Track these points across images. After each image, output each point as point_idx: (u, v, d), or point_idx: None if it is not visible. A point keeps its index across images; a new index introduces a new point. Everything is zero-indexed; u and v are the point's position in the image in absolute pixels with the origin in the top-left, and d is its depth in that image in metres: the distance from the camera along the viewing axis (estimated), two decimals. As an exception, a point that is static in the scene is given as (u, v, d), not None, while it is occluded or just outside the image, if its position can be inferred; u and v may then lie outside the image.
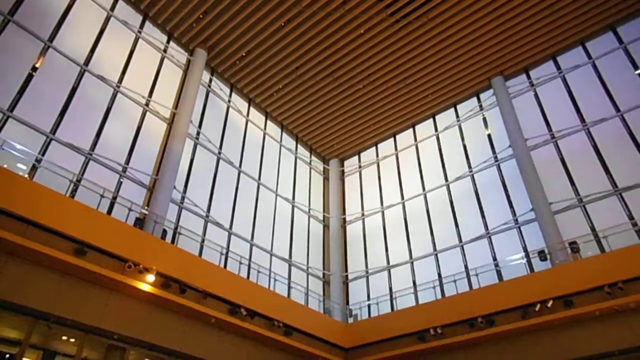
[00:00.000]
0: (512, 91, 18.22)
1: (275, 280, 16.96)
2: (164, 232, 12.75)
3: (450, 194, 18.41)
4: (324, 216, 21.83)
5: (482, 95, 19.41)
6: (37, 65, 12.24)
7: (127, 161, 13.78)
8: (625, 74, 15.61)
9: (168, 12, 16.43)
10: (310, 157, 22.91)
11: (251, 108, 20.24)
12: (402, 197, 20.10)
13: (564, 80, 17.10)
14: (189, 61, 17.52)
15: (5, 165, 10.10)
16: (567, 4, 15.91)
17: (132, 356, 10.62)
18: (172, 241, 13.62)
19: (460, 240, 17.07)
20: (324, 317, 16.72)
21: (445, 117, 20.33)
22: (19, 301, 8.75)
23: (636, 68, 15.43)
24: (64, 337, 9.73)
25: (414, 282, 17.57)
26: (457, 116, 19.84)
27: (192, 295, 11.39)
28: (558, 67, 17.51)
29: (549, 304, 11.86)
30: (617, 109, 15.23)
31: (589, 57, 16.79)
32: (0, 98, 11.11)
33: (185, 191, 15.22)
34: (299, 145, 22.35)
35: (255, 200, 18.24)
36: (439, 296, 16.22)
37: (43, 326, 9.18)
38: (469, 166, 18.31)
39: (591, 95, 16.13)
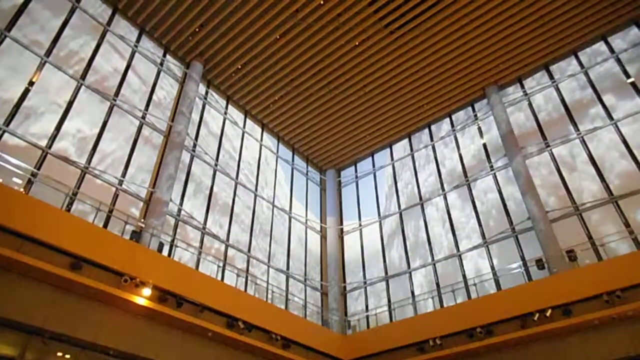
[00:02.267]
0: (507, 100, 18.39)
1: (273, 292, 16.87)
2: (161, 245, 12.69)
3: (447, 203, 18.44)
4: (321, 227, 21.79)
5: (476, 105, 19.57)
6: (33, 80, 12.27)
7: (124, 174, 13.75)
8: (618, 82, 15.79)
9: (164, 26, 16.56)
10: (307, 167, 22.94)
11: (247, 120, 20.32)
12: (399, 207, 20.12)
13: (557, 89, 17.27)
14: (185, 74, 17.61)
15: (0, 180, 10.06)
16: (560, 15, 16.14)
17: (129, 372, 10.48)
18: (169, 254, 13.57)
19: (458, 249, 17.06)
20: (322, 329, 16.60)
21: (441, 127, 20.45)
22: (13, 317, 8.66)
23: (628, 77, 15.61)
24: (60, 353, 9.59)
25: (412, 293, 17.50)
26: (453, 126, 19.96)
27: (189, 308, 11.31)
28: (551, 77, 17.70)
29: (548, 313, 11.85)
30: (611, 117, 15.37)
31: (582, 66, 16.99)
32: (-4, 113, 11.13)
33: (181, 203, 15.18)
34: (295, 156, 22.40)
35: (252, 212, 18.21)
36: (438, 306, 16.17)
37: (38, 342, 9.06)
38: (465, 175, 18.38)
39: (585, 104, 16.29)
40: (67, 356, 9.61)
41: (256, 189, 18.95)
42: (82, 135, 13.01)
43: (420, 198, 19.48)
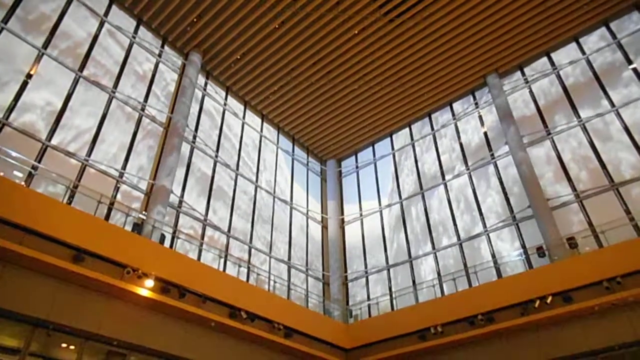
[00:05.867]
0: (507, 88, 18.29)
1: (275, 282, 16.97)
2: (162, 236, 12.73)
3: (447, 192, 18.44)
4: (322, 217, 21.84)
5: (477, 93, 19.47)
6: (31, 72, 12.22)
7: (124, 166, 13.76)
8: (620, 68, 15.68)
9: (162, 16, 16.44)
10: (308, 158, 22.93)
11: (247, 110, 20.26)
12: (400, 197, 20.14)
13: (559, 77, 17.16)
14: (183, 65, 17.52)
15: (1, 173, 10.08)
16: (560, 1, 15.97)
17: (133, 362, 10.60)
18: (171, 245, 13.61)
19: (458, 238, 17.09)
20: (324, 318, 16.73)
21: (442, 116, 20.38)
22: (17, 309, 8.74)
23: (630, 63, 15.49)
24: (64, 344, 9.70)
25: (414, 281, 17.58)
26: (453, 114, 19.89)
27: (192, 299, 11.38)
28: (552, 64, 17.58)
29: (548, 300, 11.91)
30: (612, 104, 15.29)
31: (583, 52, 16.86)
32: (-6, 106, 11.08)
33: (182, 195, 15.21)
34: (295, 147, 22.37)
35: (253, 203, 18.24)
36: (439, 295, 16.25)
37: (42, 334, 9.16)
38: (466, 164, 18.35)
39: (586, 91, 16.19)
40: (72, 347, 9.71)
41: (257, 180, 18.96)
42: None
43: (421, 187, 19.48)
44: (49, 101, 12.40)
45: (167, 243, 13.05)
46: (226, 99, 19.33)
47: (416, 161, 20.35)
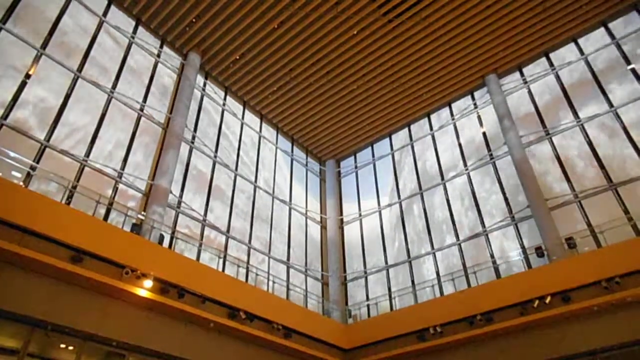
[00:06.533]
0: (506, 88, 18.30)
1: (274, 282, 16.96)
2: (161, 237, 12.72)
3: (446, 192, 18.45)
4: (321, 217, 21.83)
5: (476, 94, 19.49)
6: (30, 73, 12.19)
7: (123, 167, 13.73)
8: (618, 69, 15.69)
9: (161, 16, 16.42)
10: (307, 158, 22.92)
11: (246, 111, 20.24)
12: (399, 197, 20.14)
13: (557, 77, 17.18)
14: (182, 65, 17.51)
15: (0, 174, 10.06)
16: (559, 1, 15.99)
17: (132, 362, 10.57)
18: (170, 246, 13.60)
19: (457, 238, 17.10)
20: (323, 319, 16.72)
21: (440, 116, 20.39)
22: (16, 310, 8.71)
23: (628, 63, 15.51)
24: (63, 345, 9.67)
25: (413, 282, 17.58)
26: (452, 115, 19.90)
27: (191, 299, 11.37)
28: (551, 64, 17.60)
29: (547, 300, 11.93)
30: (611, 105, 15.31)
31: (582, 53, 16.88)
32: (-7, 106, 11.03)
33: (181, 195, 15.19)
34: (294, 147, 22.36)
35: (252, 203, 18.23)
36: (438, 295, 16.25)
37: (41, 334, 9.12)
38: (465, 164, 18.36)
39: (585, 91, 16.21)
40: (70, 348, 9.69)
41: (256, 180, 18.95)
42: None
43: (420, 187, 19.49)
44: (42, 98, 12.30)
45: (165, 243, 13.04)
46: (225, 99, 19.31)
47: (415, 161, 20.35)
